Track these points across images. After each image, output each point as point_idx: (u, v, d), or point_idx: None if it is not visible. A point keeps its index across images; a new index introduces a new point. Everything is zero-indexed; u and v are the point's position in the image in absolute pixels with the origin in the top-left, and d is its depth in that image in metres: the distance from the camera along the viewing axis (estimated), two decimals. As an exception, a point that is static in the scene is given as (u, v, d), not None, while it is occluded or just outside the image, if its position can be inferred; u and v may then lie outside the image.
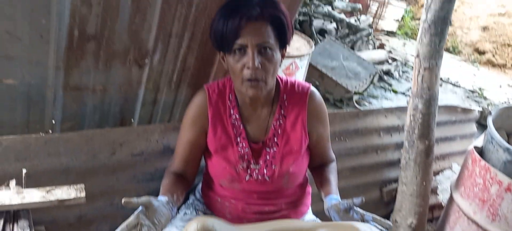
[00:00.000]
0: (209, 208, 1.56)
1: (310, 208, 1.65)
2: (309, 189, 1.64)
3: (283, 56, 1.40)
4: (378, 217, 1.33)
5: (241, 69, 1.30)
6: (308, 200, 1.63)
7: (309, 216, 1.62)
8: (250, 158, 1.44)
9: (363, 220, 1.34)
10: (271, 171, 1.44)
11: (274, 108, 1.46)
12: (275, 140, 1.45)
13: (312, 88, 1.50)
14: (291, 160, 1.45)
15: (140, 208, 1.21)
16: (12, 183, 1.31)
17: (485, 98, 6.07)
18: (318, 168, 1.61)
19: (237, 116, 1.44)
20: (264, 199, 1.47)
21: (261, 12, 1.27)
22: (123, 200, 1.18)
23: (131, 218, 1.17)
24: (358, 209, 1.37)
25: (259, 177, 1.44)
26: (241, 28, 1.26)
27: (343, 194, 2.23)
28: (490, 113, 2.23)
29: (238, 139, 1.44)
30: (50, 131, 1.67)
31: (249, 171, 1.44)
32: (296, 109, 1.46)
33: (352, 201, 1.35)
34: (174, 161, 1.50)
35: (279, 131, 1.45)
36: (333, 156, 1.65)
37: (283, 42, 1.36)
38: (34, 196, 1.25)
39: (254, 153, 1.45)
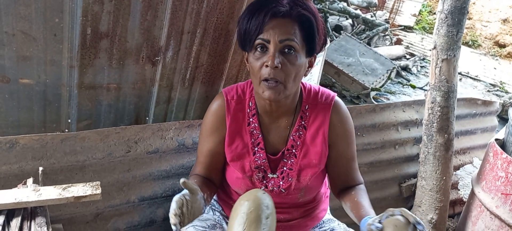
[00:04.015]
0: (225, 211, 1.54)
1: (328, 210, 1.59)
2: (328, 192, 1.57)
3: (311, 65, 1.30)
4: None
5: (260, 67, 1.21)
6: (326, 203, 1.57)
7: (328, 217, 1.57)
8: (267, 168, 1.38)
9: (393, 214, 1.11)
10: (288, 184, 1.38)
11: (295, 119, 1.37)
12: (294, 151, 1.37)
13: (337, 99, 1.39)
14: (308, 173, 1.37)
15: (186, 191, 1.16)
16: (30, 181, 1.33)
17: (506, 92, 5.93)
18: (344, 192, 1.42)
19: (256, 125, 1.37)
20: (279, 208, 1.35)
21: (289, 9, 1.19)
22: (181, 180, 1.14)
23: (178, 197, 1.13)
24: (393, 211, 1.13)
25: (275, 188, 1.38)
26: (266, 23, 1.18)
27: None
28: (511, 105, 2.17)
29: (256, 149, 1.37)
30: (66, 130, 1.69)
31: (264, 182, 1.38)
32: (318, 121, 1.36)
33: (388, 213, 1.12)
34: (197, 167, 1.45)
35: (299, 142, 1.36)
36: (361, 178, 1.46)
37: (311, 48, 1.25)
38: (50, 193, 1.26)
39: (271, 163, 1.38)
